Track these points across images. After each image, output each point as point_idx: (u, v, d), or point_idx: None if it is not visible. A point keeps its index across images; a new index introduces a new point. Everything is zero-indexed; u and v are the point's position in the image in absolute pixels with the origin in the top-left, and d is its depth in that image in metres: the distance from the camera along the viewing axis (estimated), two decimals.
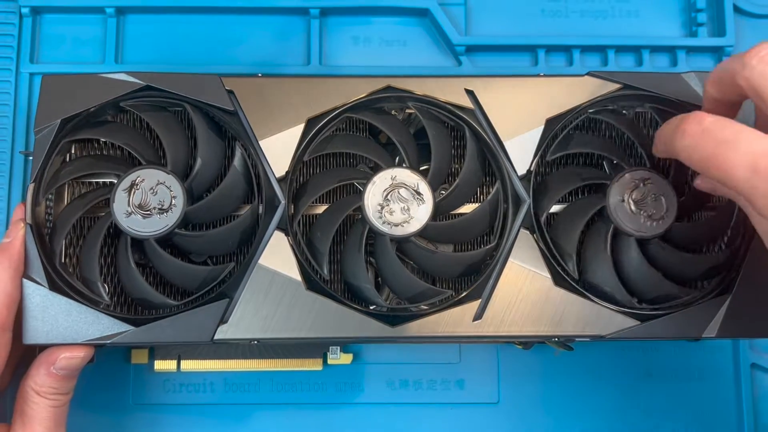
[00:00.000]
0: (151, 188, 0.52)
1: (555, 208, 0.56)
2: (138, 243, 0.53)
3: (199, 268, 0.53)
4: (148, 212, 0.51)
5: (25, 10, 0.64)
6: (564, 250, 0.54)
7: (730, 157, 0.40)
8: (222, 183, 0.53)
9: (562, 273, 0.52)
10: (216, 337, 0.51)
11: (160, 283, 0.56)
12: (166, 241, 0.53)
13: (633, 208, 0.53)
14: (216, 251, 0.55)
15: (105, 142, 0.56)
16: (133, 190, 0.52)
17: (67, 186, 0.56)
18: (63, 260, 0.54)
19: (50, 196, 0.54)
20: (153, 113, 0.54)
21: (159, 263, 0.53)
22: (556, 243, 0.54)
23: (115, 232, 0.54)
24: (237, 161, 0.53)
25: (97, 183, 0.56)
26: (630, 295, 0.53)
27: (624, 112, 0.56)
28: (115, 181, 0.52)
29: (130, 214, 0.51)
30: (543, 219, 0.54)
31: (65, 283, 0.52)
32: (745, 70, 0.42)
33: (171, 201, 0.52)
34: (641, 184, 0.53)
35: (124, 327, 0.51)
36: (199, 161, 0.53)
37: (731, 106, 0.47)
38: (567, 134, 0.55)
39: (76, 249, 0.55)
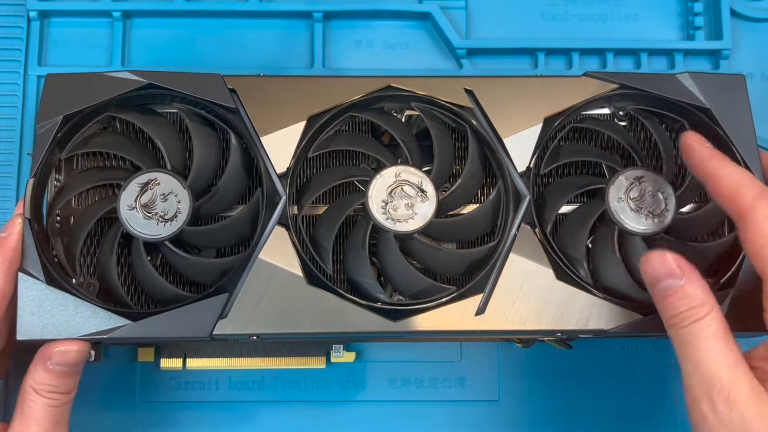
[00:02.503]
0: (163, 194, 0.52)
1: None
2: (150, 243, 0.53)
3: (215, 261, 0.54)
4: (149, 216, 0.52)
5: (33, 14, 0.65)
6: (574, 258, 0.54)
7: None
8: (225, 221, 0.54)
9: (563, 267, 0.53)
10: (215, 332, 0.51)
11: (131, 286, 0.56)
12: (179, 240, 0.54)
13: (633, 207, 0.53)
14: (200, 274, 0.55)
15: (105, 153, 0.57)
16: (146, 188, 0.52)
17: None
18: (81, 279, 0.54)
19: (58, 211, 0.55)
20: (145, 118, 0.55)
21: (175, 261, 0.54)
22: (565, 252, 0.54)
23: (127, 234, 0.54)
24: (233, 164, 0.54)
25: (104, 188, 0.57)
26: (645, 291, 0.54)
27: (620, 113, 0.57)
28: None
29: (133, 208, 0.52)
30: (548, 230, 0.54)
31: (63, 277, 0.52)
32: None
33: (175, 213, 0.52)
34: (637, 183, 0.53)
35: (121, 321, 0.50)
36: (195, 159, 0.54)
37: None
38: (556, 146, 0.56)
39: (89, 258, 0.55)
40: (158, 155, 0.56)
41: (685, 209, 0.57)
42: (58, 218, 0.55)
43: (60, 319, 0.50)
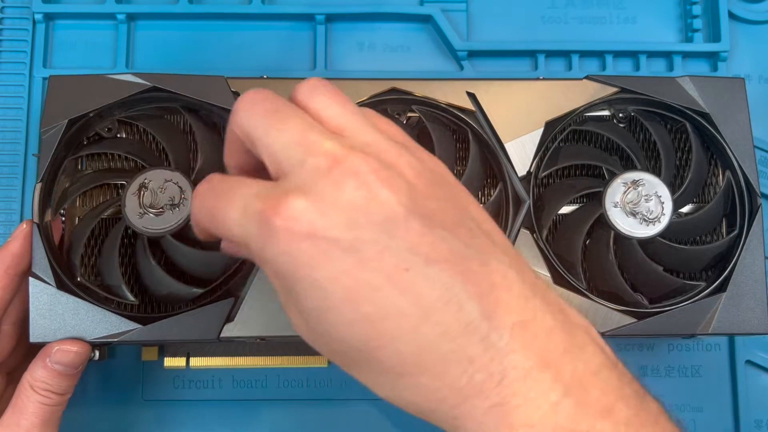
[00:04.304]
0: (160, 187, 0.52)
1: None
2: (155, 242, 0.54)
3: (218, 255, 0.54)
4: (161, 210, 0.52)
5: (38, 16, 0.65)
6: (570, 262, 0.55)
7: (225, 206, 0.37)
8: None
9: (561, 272, 0.54)
10: (222, 335, 0.52)
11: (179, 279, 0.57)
12: (181, 235, 0.54)
13: (629, 211, 0.54)
14: (204, 268, 0.55)
15: (110, 155, 0.57)
16: (142, 191, 0.53)
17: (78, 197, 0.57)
18: (82, 272, 0.54)
19: (62, 211, 0.56)
20: (150, 121, 0.56)
21: (179, 256, 0.54)
22: (561, 256, 0.55)
23: (132, 235, 0.55)
24: None
25: (107, 188, 0.57)
26: (641, 295, 0.55)
27: (621, 115, 0.57)
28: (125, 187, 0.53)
29: (143, 214, 0.52)
30: (545, 235, 0.55)
31: (73, 282, 0.52)
32: (233, 123, 0.39)
33: (181, 195, 0.53)
34: (633, 187, 0.54)
35: (131, 325, 0.51)
36: (201, 158, 0.54)
37: (254, 168, 0.41)
38: (556, 147, 0.56)
39: (92, 258, 0.56)
40: (162, 156, 0.56)
41: (684, 209, 0.58)
42: (63, 219, 0.56)
43: (71, 322, 0.51)
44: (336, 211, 0.34)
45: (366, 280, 0.34)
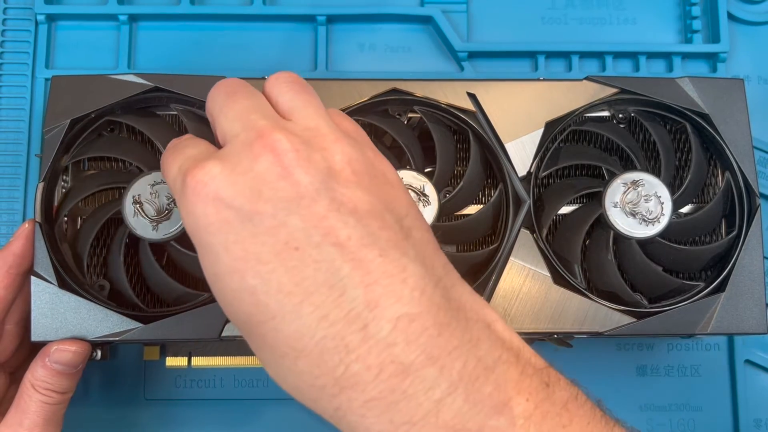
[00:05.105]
0: (151, 194, 0.52)
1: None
2: (158, 246, 0.54)
3: (173, 283, 0.54)
4: (168, 211, 0.52)
5: (40, 17, 0.65)
6: (569, 262, 0.55)
7: (171, 161, 0.39)
8: None
9: (561, 272, 0.54)
10: (224, 333, 0.52)
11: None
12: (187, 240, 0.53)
13: (628, 211, 0.54)
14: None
15: (106, 157, 0.57)
16: (142, 207, 0.52)
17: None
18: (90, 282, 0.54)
19: (65, 218, 0.56)
20: (140, 119, 0.55)
21: (184, 263, 0.54)
22: (561, 255, 0.55)
23: (131, 239, 0.54)
24: None
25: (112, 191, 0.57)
26: (641, 295, 0.55)
27: (620, 115, 0.57)
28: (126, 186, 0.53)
29: (156, 226, 0.52)
30: (545, 234, 0.55)
31: (75, 280, 0.52)
32: (206, 106, 0.42)
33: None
34: (633, 187, 0.54)
35: (133, 324, 0.51)
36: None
37: None
38: (556, 148, 0.57)
39: (98, 258, 0.56)
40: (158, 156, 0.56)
41: (684, 210, 0.58)
42: (65, 220, 0.56)
43: (73, 321, 0.51)
44: (245, 181, 0.35)
45: (255, 253, 0.35)
